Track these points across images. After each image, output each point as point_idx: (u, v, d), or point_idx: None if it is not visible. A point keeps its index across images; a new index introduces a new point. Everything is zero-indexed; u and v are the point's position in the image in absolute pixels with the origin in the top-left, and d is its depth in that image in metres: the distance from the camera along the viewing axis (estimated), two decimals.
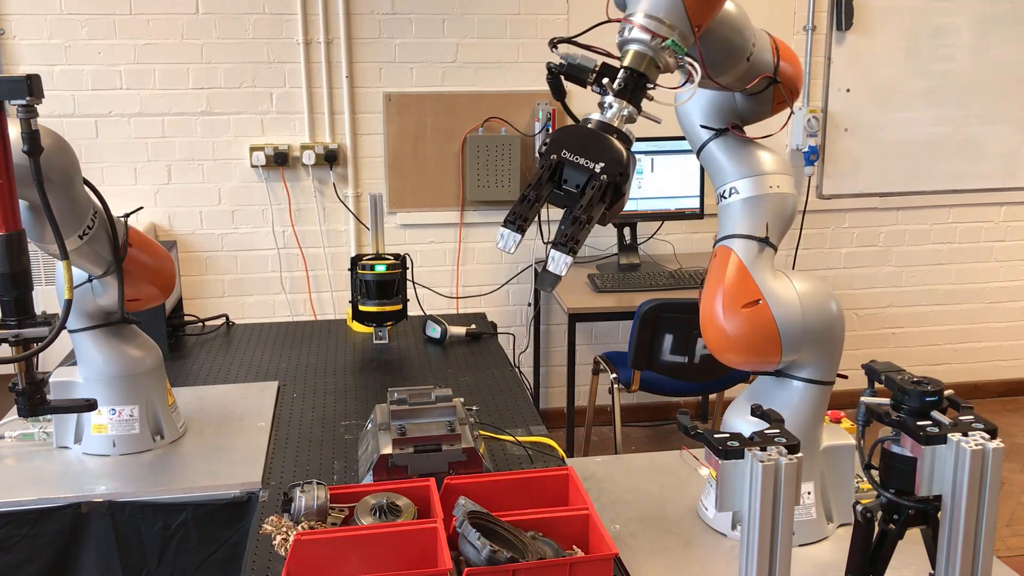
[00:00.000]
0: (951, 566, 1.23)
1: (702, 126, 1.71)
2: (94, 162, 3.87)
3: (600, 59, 1.44)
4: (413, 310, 2.82)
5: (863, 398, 1.30)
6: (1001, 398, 4.88)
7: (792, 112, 1.73)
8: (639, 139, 1.46)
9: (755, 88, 1.64)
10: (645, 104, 1.41)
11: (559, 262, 1.36)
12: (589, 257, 4.22)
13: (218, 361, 2.66)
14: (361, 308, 2.67)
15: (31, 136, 1.54)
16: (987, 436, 1.20)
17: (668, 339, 3.30)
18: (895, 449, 1.26)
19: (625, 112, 1.38)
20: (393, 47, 3.99)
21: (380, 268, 2.62)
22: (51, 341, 1.58)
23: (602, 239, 4.24)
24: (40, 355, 1.66)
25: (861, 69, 4.31)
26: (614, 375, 3.55)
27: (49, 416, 2.05)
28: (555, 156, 1.37)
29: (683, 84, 1.43)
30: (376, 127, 4.05)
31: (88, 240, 1.84)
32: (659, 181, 3.99)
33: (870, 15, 4.24)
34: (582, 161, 1.36)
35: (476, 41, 4.03)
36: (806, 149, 4.25)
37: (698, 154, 1.75)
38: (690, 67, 1.41)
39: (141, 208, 3.56)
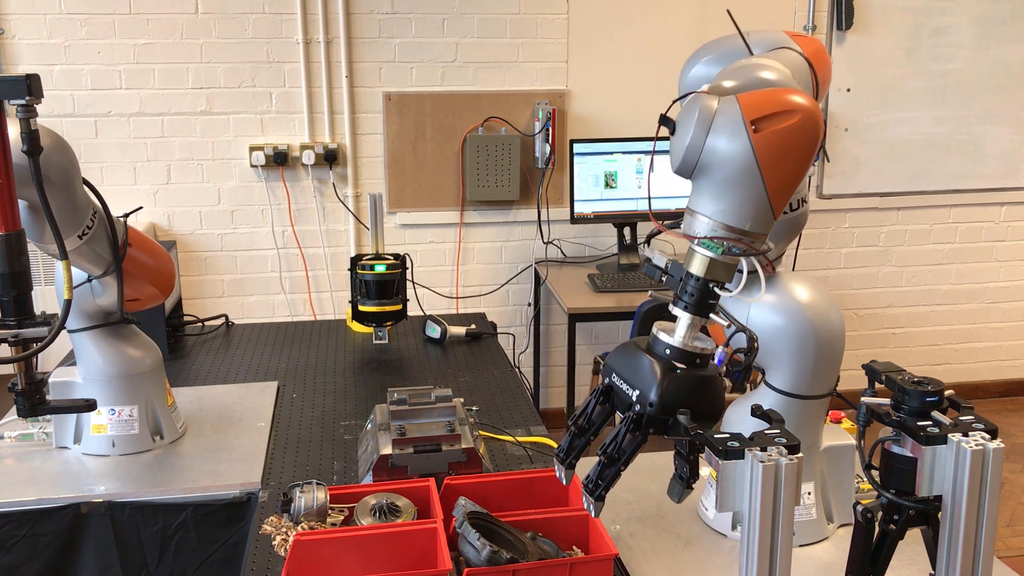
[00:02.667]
0: (951, 566, 1.22)
1: None
2: (93, 162, 3.87)
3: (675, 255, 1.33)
4: (413, 310, 2.82)
5: (863, 398, 1.30)
6: (1001, 398, 4.88)
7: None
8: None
9: None
10: None
11: (588, 506, 1.29)
12: (589, 257, 4.22)
13: (218, 361, 2.66)
14: (361, 308, 2.66)
15: (30, 136, 1.54)
16: (987, 436, 1.20)
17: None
18: (895, 449, 1.26)
19: (689, 321, 1.27)
20: (393, 47, 3.98)
21: (380, 268, 2.62)
22: (50, 341, 1.58)
23: (602, 239, 4.24)
24: (40, 355, 1.66)
25: (861, 69, 4.31)
26: None
27: (48, 416, 2.05)
28: (607, 380, 1.28)
29: (750, 285, 1.28)
30: (376, 127, 4.05)
31: (87, 240, 1.84)
32: (659, 181, 3.99)
33: (870, 15, 4.24)
34: (625, 387, 1.26)
35: (476, 41, 4.03)
36: None
37: None
38: (760, 264, 1.27)
39: (141, 208, 3.56)
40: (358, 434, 2.13)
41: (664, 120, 1.29)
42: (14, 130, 1.57)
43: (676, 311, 1.28)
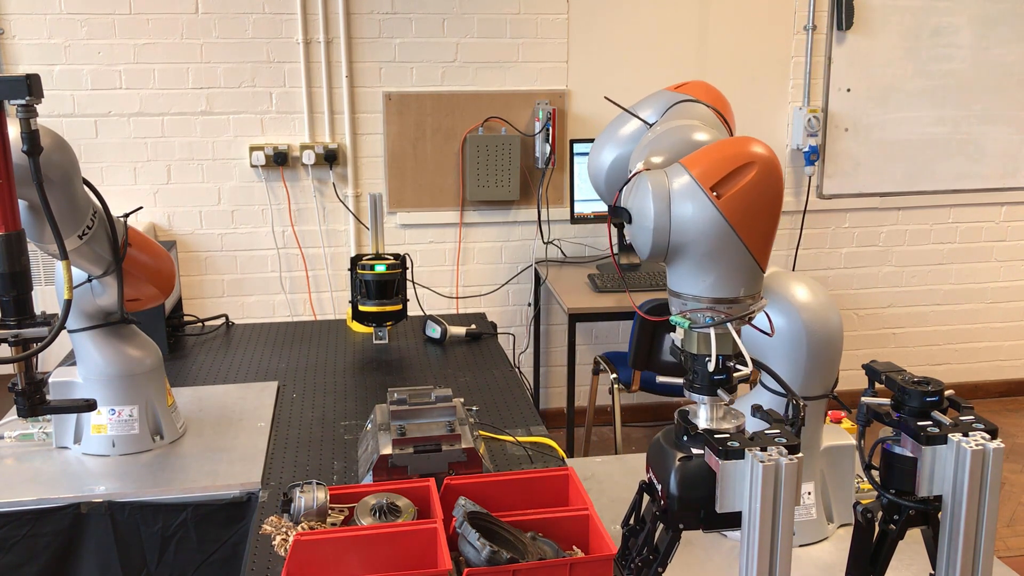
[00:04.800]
0: (951, 566, 1.22)
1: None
2: (94, 162, 3.87)
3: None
4: (413, 310, 2.82)
5: (863, 398, 1.30)
6: (1001, 398, 4.88)
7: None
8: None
9: None
10: None
11: None
12: (589, 257, 4.22)
13: (218, 361, 2.66)
14: (361, 308, 2.66)
15: (30, 136, 1.54)
16: (987, 436, 1.20)
17: (668, 339, 3.29)
18: (895, 449, 1.26)
19: (707, 402, 1.22)
20: (393, 47, 3.98)
21: (380, 268, 2.62)
22: (50, 341, 1.58)
23: (603, 239, 4.24)
24: (40, 355, 1.66)
25: (861, 69, 4.31)
26: (614, 375, 3.55)
27: (48, 416, 2.05)
28: (647, 476, 1.24)
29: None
30: (376, 127, 4.05)
31: (88, 240, 1.84)
32: None
33: (870, 15, 4.24)
34: (657, 483, 1.21)
35: (476, 41, 4.03)
36: (806, 149, 4.25)
37: None
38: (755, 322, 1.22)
39: (141, 208, 3.56)
40: (358, 434, 2.13)
41: (616, 211, 1.21)
42: (14, 130, 1.57)
43: (692, 396, 1.23)
